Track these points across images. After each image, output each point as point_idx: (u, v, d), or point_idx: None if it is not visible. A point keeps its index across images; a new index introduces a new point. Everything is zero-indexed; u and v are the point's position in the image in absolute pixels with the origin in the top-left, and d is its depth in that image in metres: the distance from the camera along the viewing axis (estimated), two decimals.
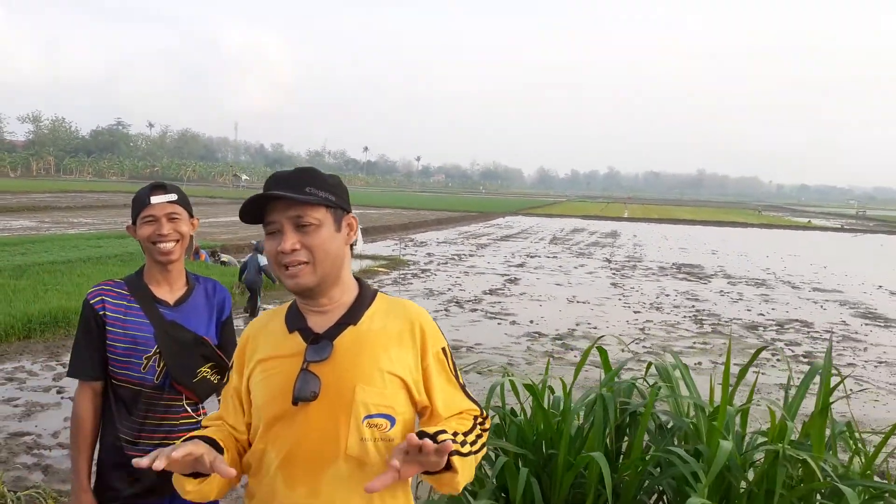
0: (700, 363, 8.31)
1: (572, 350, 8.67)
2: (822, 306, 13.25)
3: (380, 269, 15.47)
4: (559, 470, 2.56)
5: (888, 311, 12.92)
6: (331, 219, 1.41)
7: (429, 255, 19.67)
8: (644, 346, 9.08)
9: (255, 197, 1.38)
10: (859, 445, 2.83)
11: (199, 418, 2.02)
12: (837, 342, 9.90)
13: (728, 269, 19.49)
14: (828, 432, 2.65)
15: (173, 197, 1.94)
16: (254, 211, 1.40)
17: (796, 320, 11.57)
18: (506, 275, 15.94)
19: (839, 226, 51.94)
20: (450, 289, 13.37)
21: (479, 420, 1.47)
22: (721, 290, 14.86)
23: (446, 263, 17.67)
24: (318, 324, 1.43)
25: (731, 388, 2.90)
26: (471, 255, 20.05)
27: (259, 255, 9.92)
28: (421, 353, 1.44)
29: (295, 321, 1.46)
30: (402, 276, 14.86)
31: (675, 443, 2.85)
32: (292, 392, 1.36)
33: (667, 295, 13.86)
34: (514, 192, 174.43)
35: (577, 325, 10.31)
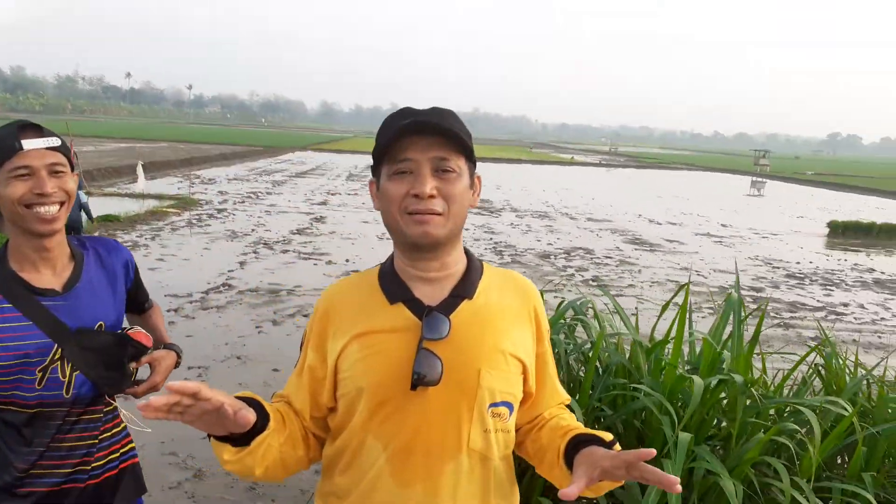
0: None
1: None
2: (597, 234, 14.90)
3: (170, 210, 14.23)
4: None
5: (650, 237, 14.93)
6: (467, 171, 1.22)
7: (221, 193, 18.49)
8: None
9: (403, 128, 1.14)
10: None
11: (127, 415, 1.67)
12: (616, 266, 11.27)
13: (513, 202, 20.97)
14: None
15: (55, 141, 1.45)
16: (384, 142, 1.16)
17: (580, 248, 12.91)
18: (310, 213, 15.59)
19: (597, 161, 58.19)
20: (254, 229, 12.77)
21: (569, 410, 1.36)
22: (511, 223, 15.99)
23: (243, 202, 16.77)
24: (428, 295, 1.22)
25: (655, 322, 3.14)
26: (269, 194, 19.22)
27: (80, 192, 8.57)
28: (537, 336, 1.29)
29: (397, 290, 1.23)
30: (197, 216, 13.85)
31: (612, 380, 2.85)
32: (411, 374, 1.15)
33: (466, 229, 14.57)
34: (298, 125, 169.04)
35: None
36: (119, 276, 1.63)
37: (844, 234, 16.96)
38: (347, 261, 10.36)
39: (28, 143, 1.40)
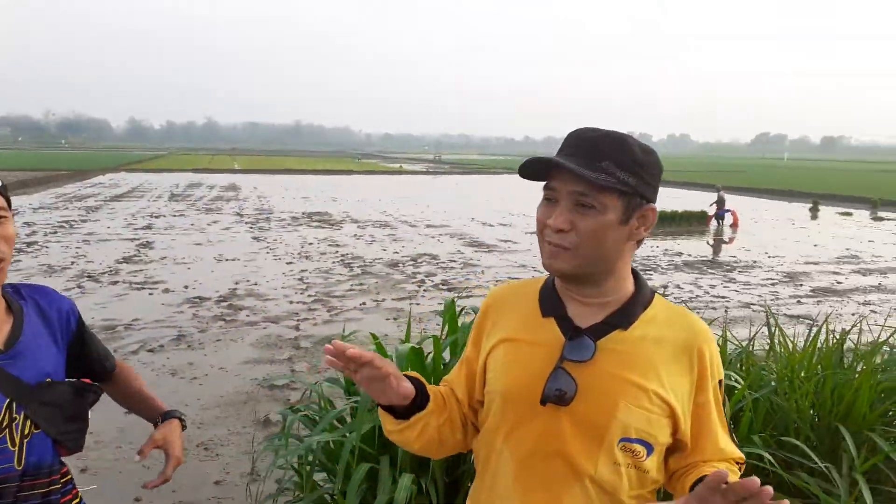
0: (364, 303, 9.00)
1: (242, 310, 8.50)
2: (438, 240, 15.35)
3: None
4: None
5: (486, 239, 15.67)
6: (620, 207, 1.13)
7: (28, 224, 16.55)
8: (309, 295, 9.40)
9: (536, 160, 1.14)
10: None
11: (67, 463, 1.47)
12: (461, 268, 11.71)
13: (352, 214, 20.95)
14: None
15: None
16: (536, 167, 1.16)
17: (425, 254, 13.23)
18: (135, 239, 14.44)
19: (424, 169, 59.72)
20: (73, 262, 11.60)
21: (741, 469, 1.25)
22: (355, 234, 15.99)
23: (56, 233, 15.14)
24: (580, 315, 1.20)
25: None
26: (84, 221, 17.50)
27: None
28: (698, 384, 1.19)
29: (551, 305, 1.23)
30: None
31: None
32: (542, 388, 1.16)
33: (310, 243, 14.37)
34: (105, 146, 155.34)
35: (236, 283, 10.05)
36: (60, 327, 1.45)
37: (661, 223, 18.90)
38: (186, 287, 9.76)
39: None
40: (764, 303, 9.39)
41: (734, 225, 19.01)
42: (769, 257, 13.67)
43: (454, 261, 12.51)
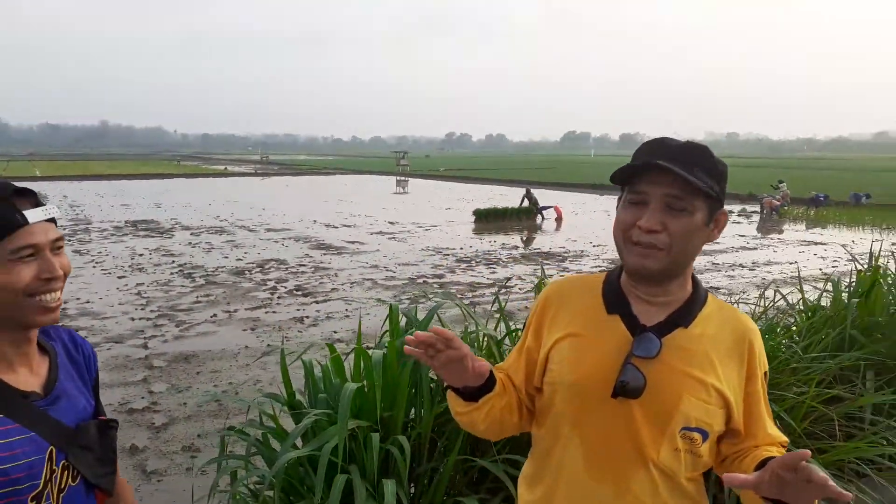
0: (215, 315, 8.63)
1: (78, 331, 7.79)
2: (283, 244, 14.99)
3: None
4: None
5: (333, 241, 15.55)
6: (705, 210, 1.23)
7: None
8: (151, 310, 8.83)
9: (641, 162, 1.20)
10: None
11: None
12: (313, 273, 11.57)
13: (182, 220, 19.75)
14: None
15: (55, 212, 1.18)
16: (625, 172, 1.23)
17: (272, 259, 12.88)
18: None
19: (252, 171, 57.53)
20: None
21: (785, 450, 1.31)
22: (189, 242, 15.13)
23: None
24: (644, 313, 1.29)
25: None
26: None
27: None
28: (748, 374, 1.30)
29: (616, 302, 1.31)
30: None
31: None
32: (614, 382, 1.24)
33: (140, 254, 13.38)
34: None
35: (65, 302, 9.15)
36: (87, 370, 1.36)
37: (487, 219, 19.91)
38: None
39: (31, 215, 1.12)
40: None
41: (559, 219, 20.51)
42: (594, 246, 15.00)
43: (304, 265, 12.32)
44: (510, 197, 27.42)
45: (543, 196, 23.14)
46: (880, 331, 3.46)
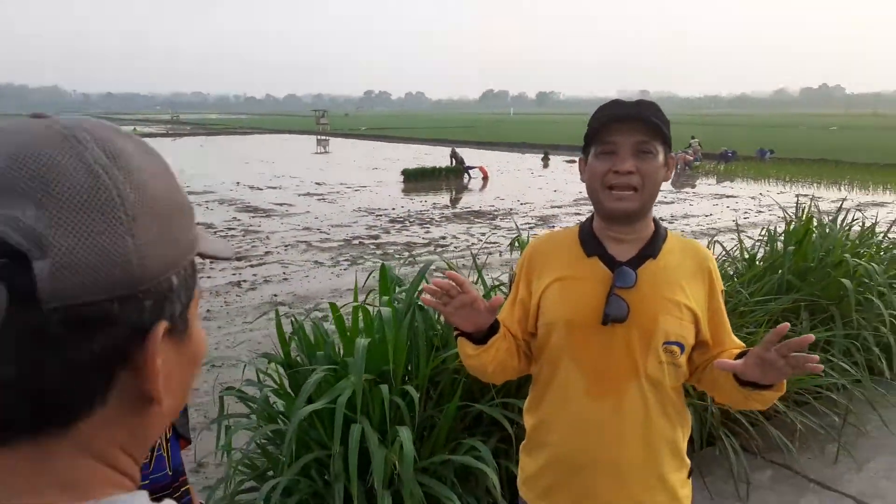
0: None
1: None
2: (208, 207, 14.55)
3: None
4: None
5: (260, 203, 15.22)
6: (663, 153, 1.42)
7: None
8: None
9: (612, 115, 1.37)
10: None
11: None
12: (244, 236, 11.34)
13: None
14: None
15: None
16: (597, 126, 1.39)
17: (198, 224, 12.44)
18: None
19: (164, 131, 54.85)
20: None
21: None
22: None
23: None
24: (619, 252, 1.46)
25: None
26: None
27: None
28: (709, 292, 1.50)
29: (593, 246, 1.48)
30: None
31: None
32: (602, 312, 1.41)
33: None
34: None
35: None
36: None
37: (416, 179, 19.93)
38: None
39: None
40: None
41: (485, 178, 20.76)
42: (521, 204, 15.33)
43: (233, 228, 12.04)
44: (435, 157, 27.50)
45: (467, 156, 23.30)
46: (812, 275, 3.81)
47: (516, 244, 3.70)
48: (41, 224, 0.40)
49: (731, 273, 3.93)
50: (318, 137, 48.67)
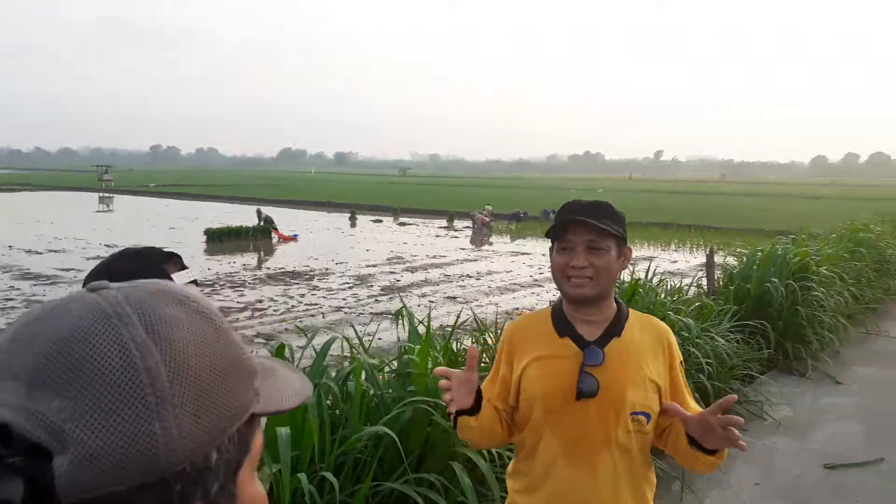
0: None
1: None
2: None
3: None
4: None
5: (43, 269, 13.58)
6: (615, 248, 1.62)
7: None
8: None
9: (565, 220, 1.60)
10: None
11: None
12: (26, 308, 10.01)
13: None
14: None
15: (196, 275, 1.37)
16: (557, 229, 1.62)
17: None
18: None
19: None
20: None
21: None
22: None
23: None
24: (587, 332, 1.66)
25: None
26: None
27: None
28: (669, 364, 1.69)
29: (564, 328, 1.68)
30: None
31: None
32: (575, 389, 1.60)
33: None
34: None
35: None
36: None
37: (221, 239, 19.07)
38: None
39: (177, 278, 1.30)
40: (351, 309, 10.71)
41: (283, 240, 20.13)
42: (336, 264, 15.36)
43: (11, 299, 10.64)
44: (239, 215, 26.59)
45: (272, 214, 22.82)
46: None
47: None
48: (64, 415, 0.40)
49: None
50: (101, 194, 44.58)
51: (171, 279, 1.25)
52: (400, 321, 3.38)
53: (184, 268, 1.32)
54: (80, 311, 0.45)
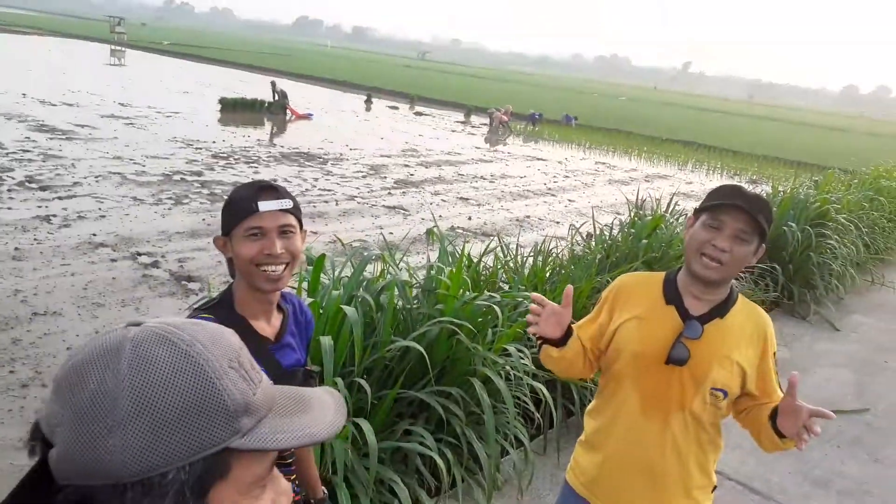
0: None
1: None
2: None
3: None
4: None
5: (57, 123, 13.47)
6: (756, 244, 1.68)
7: None
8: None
9: (726, 202, 1.64)
10: None
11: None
12: (44, 162, 10.05)
13: None
14: None
15: (288, 203, 1.46)
16: (717, 202, 1.66)
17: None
18: None
19: None
20: None
21: None
22: None
23: None
24: (693, 306, 1.75)
25: None
26: None
27: None
28: (762, 354, 1.77)
29: (673, 296, 1.77)
30: None
31: None
32: (667, 354, 1.71)
33: None
34: None
35: None
36: (305, 331, 1.71)
37: (235, 110, 18.79)
38: None
39: (264, 205, 1.42)
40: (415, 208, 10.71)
41: (297, 117, 19.90)
42: (350, 150, 15.23)
43: (28, 151, 10.60)
44: (253, 85, 26.10)
45: (286, 87, 22.29)
46: (657, 265, 4.51)
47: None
48: (56, 420, 0.55)
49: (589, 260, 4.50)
50: (113, 47, 43.40)
51: (255, 203, 1.42)
52: (432, 240, 3.44)
53: (279, 198, 1.45)
54: (100, 341, 0.57)
